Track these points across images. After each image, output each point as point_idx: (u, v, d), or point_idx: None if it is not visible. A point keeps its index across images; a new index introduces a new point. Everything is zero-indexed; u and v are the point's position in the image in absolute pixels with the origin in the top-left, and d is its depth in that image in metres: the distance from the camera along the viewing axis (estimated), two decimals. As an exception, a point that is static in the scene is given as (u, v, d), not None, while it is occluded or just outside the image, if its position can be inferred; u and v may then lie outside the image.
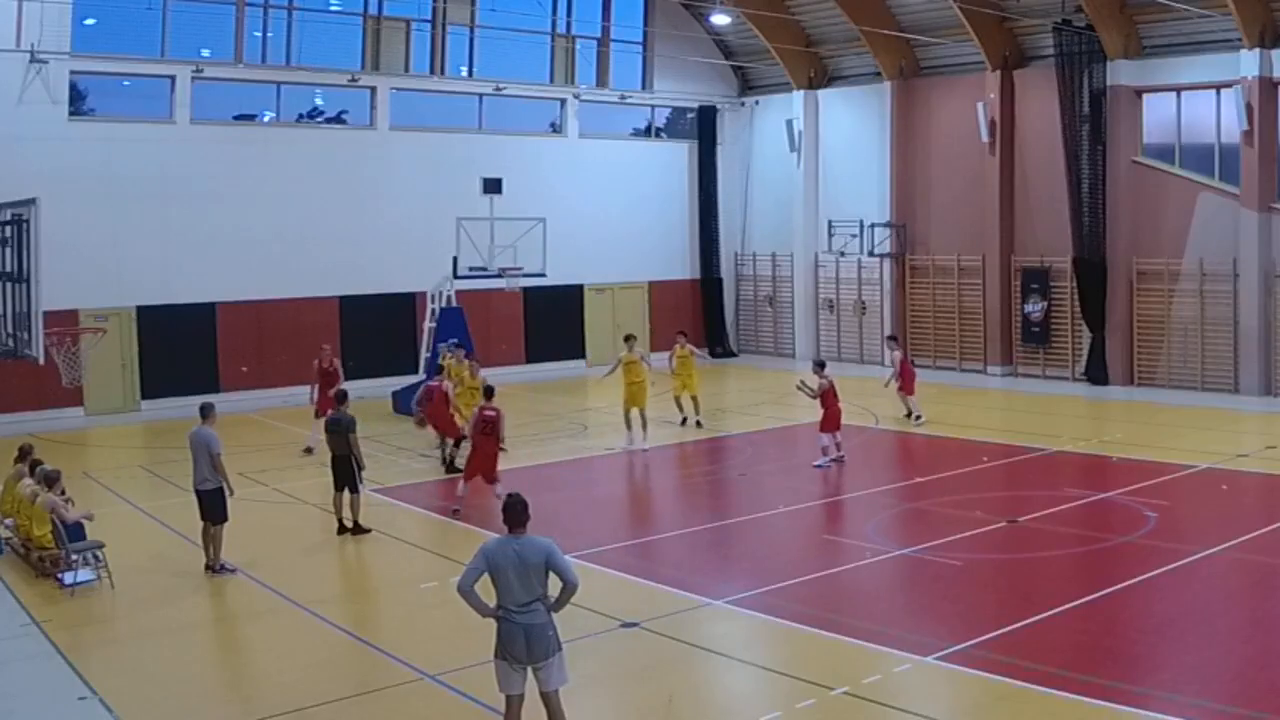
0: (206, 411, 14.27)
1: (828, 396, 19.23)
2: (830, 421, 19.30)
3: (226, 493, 13.95)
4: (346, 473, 15.41)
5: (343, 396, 16.15)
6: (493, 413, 16.36)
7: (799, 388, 20.00)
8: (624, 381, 21.57)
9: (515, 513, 8.53)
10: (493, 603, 8.43)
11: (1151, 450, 19.90)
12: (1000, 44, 29.01)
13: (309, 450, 20.65)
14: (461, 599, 8.36)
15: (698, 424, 23.09)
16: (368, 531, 15.48)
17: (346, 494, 15.47)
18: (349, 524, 15.52)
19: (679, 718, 9.59)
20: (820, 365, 20.12)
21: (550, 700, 8.48)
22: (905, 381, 23.56)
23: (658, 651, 11.10)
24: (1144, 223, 26.85)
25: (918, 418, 23.16)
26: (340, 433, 15.49)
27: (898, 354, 24.47)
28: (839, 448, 19.44)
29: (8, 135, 23.64)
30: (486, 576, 8.39)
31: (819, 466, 19.13)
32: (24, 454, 15.13)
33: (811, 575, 13.46)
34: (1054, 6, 27.42)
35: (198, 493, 13.92)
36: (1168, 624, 11.59)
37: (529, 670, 8.40)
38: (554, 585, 8.42)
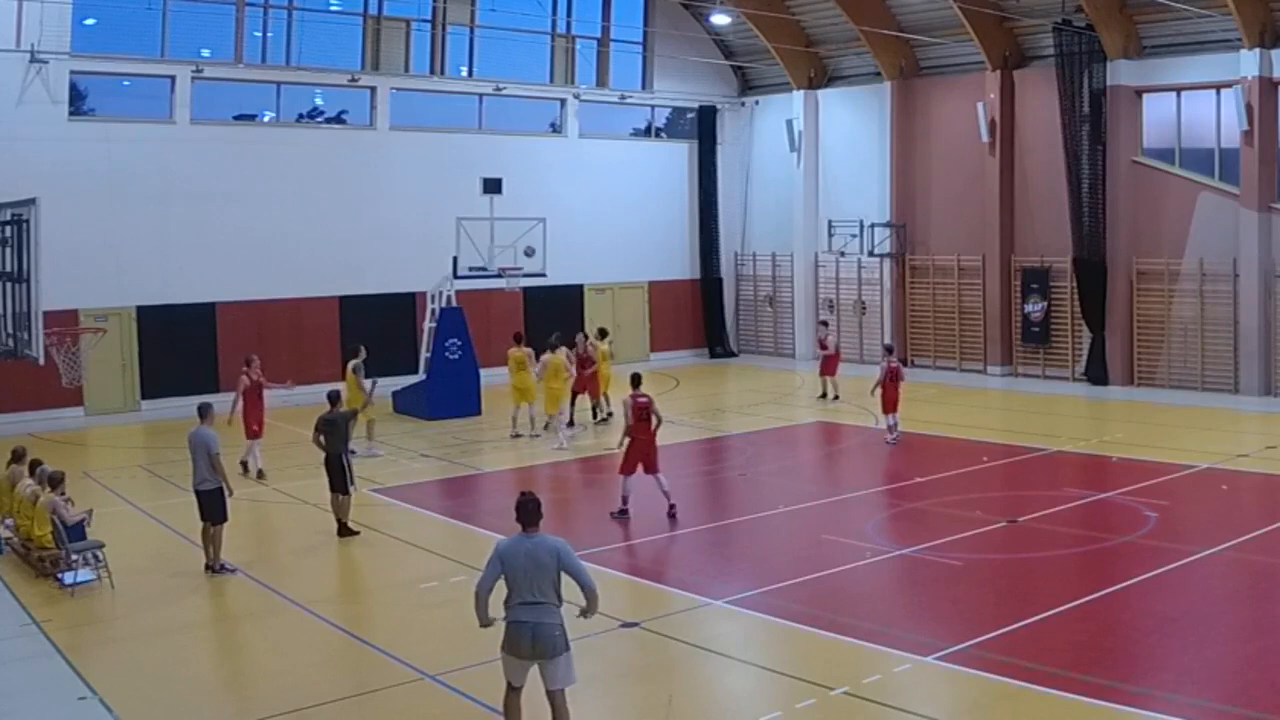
0: (205, 411, 14.27)
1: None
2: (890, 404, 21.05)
3: (226, 493, 13.95)
4: (339, 473, 15.40)
5: (335, 397, 16.15)
6: (645, 399, 16.26)
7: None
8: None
9: (527, 511, 8.53)
10: (504, 601, 8.51)
11: (1151, 450, 19.89)
12: (1000, 44, 29.02)
13: (261, 474, 19.16)
14: (474, 600, 8.55)
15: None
16: (356, 533, 15.44)
17: (340, 495, 15.47)
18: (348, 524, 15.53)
19: (679, 718, 9.59)
20: (888, 350, 22.56)
21: (555, 699, 8.54)
22: (829, 364, 26.40)
23: (658, 651, 11.10)
24: (1144, 223, 26.86)
25: (835, 398, 25.89)
26: (336, 432, 15.48)
27: (831, 338, 27.34)
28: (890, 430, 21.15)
29: (8, 135, 23.64)
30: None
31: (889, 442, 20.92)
32: (18, 456, 15.10)
33: (811, 575, 13.46)
34: (1054, 6, 27.42)
35: (197, 493, 13.92)
36: (1168, 624, 11.59)
37: (535, 666, 8.48)
38: (573, 591, 8.46)
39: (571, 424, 23.04)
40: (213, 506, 13.84)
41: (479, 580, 8.52)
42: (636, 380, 16.80)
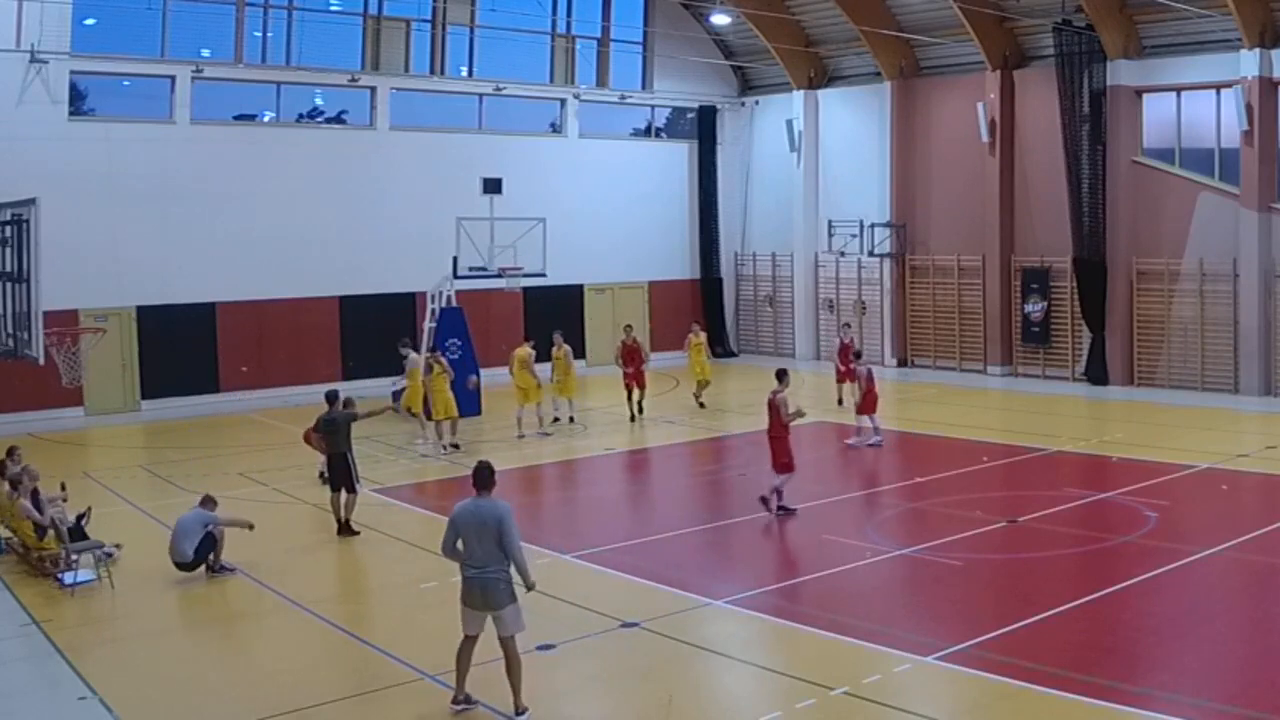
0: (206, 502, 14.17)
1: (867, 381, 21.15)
2: (869, 405, 21.09)
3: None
4: (343, 472, 15.42)
5: (333, 396, 15.93)
6: (771, 396, 16.16)
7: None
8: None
9: (481, 476, 9.57)
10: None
11: (1151, 450, 19.89)
12: (1000, 44, 29.02)
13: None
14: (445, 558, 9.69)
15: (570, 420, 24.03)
16: (357, 534, 15.41)
17: (344, 494, 15.47)
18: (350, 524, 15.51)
19: (679, 718, 9.59)
20: (857, 355, 23.05)
21: (506, 645, 9.44)
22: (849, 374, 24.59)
23: (658, 651, 11.08)
24: (1144, 223, 26.86)
25: (840, 402, 25.15)
26: (338, 431, 15.48)
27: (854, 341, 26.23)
28: (876, 431, 21.09)
29: (8, 135, 23.63)
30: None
31: (851, 445, 21.03)
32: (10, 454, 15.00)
33: (811, 575, 13.46)
34: (1054, 6, 27.42)
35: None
36: (1168, 624, 11.59)
37: (487, 617, 9.48)
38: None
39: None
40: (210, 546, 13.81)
41: (441, 544, 9.67)
42: (779, 375, 16.66)
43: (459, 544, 9.52)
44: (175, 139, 26.44)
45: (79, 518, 13.92)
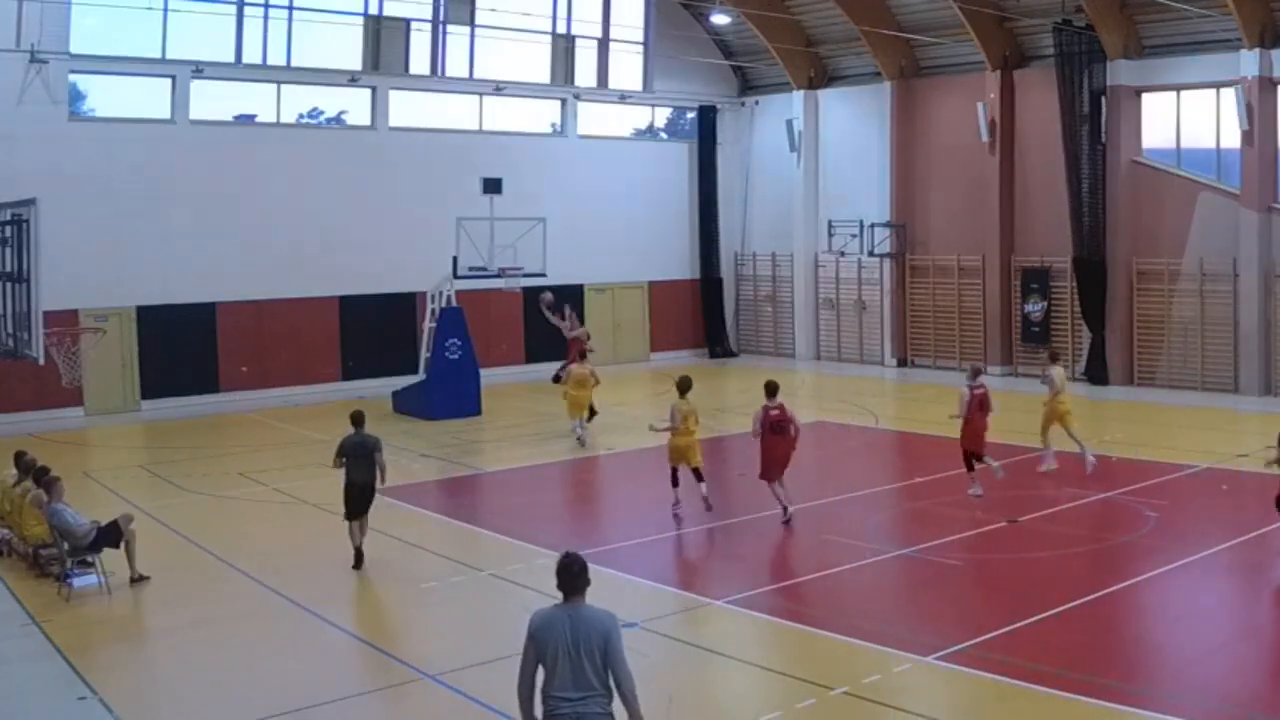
0: None
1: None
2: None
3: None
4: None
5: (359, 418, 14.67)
6: (776, 411, 15.72)
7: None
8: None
9: (570, 576, 6.76)
10: (540, 688, 6.87)
11: (1151, 450, 19.89)
12: (1000, 44, 29.03)
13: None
14: (517, 697, 6.87)
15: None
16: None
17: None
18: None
19: (679, 718, 9.58)
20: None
21: None
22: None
23: (658, 651, 11.08)
24: (1144, 223, 26.87)
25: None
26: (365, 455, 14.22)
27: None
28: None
29: (8, 135, 23.61)
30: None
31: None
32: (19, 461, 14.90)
33: (811, 575, 13.45)
34: (1054, 6, 27.43)
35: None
36: (1168, 624, 11.60)
37: None
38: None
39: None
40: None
41: (518, 678, 6.82)
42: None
43: (544, 669, 6.78)
44: (175, 139, 26.44)
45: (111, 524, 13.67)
